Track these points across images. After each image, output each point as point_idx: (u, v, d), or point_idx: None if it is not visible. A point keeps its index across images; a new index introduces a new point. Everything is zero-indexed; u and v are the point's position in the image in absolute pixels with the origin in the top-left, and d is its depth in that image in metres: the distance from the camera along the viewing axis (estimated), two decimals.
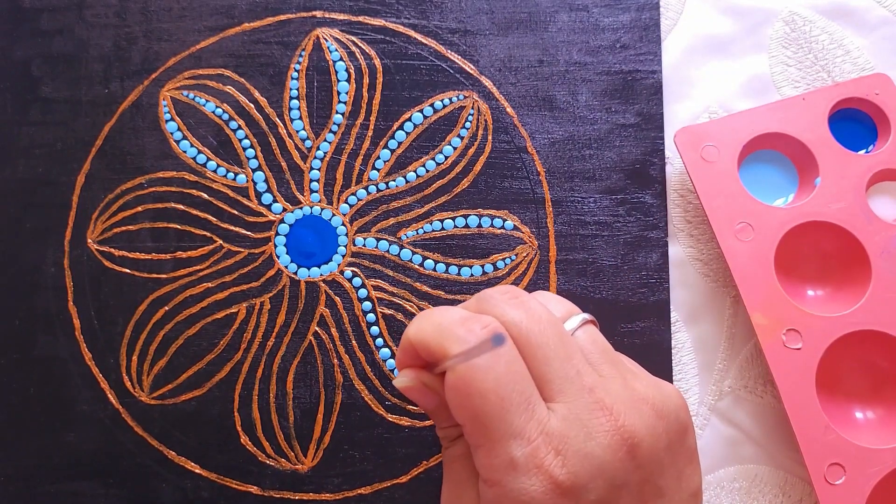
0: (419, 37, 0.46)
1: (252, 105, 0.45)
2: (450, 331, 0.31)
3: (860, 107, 0.46)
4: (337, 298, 0.43)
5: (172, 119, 0.45)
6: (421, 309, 0.43)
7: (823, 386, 0.41)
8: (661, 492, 0.32)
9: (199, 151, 0.45)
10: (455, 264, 0.44)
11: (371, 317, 0.43)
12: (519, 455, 0.30)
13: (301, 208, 0.44)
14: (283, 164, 0.45)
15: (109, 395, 0.43)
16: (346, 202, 0.44)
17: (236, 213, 0.44)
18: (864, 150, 0.46)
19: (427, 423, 0.42)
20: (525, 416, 0.30)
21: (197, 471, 0.42)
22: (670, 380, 0.44)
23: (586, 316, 0.35)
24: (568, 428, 0.30)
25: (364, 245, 0.44)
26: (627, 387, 0.32)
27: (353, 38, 0.46)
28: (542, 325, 0.32)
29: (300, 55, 0.46)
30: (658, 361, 0.44)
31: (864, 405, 0.43)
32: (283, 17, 0.46)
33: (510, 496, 0.30)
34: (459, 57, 0.46)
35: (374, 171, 0.45)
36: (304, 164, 0.45)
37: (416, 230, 0.44)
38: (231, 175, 0.44)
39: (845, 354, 0.42)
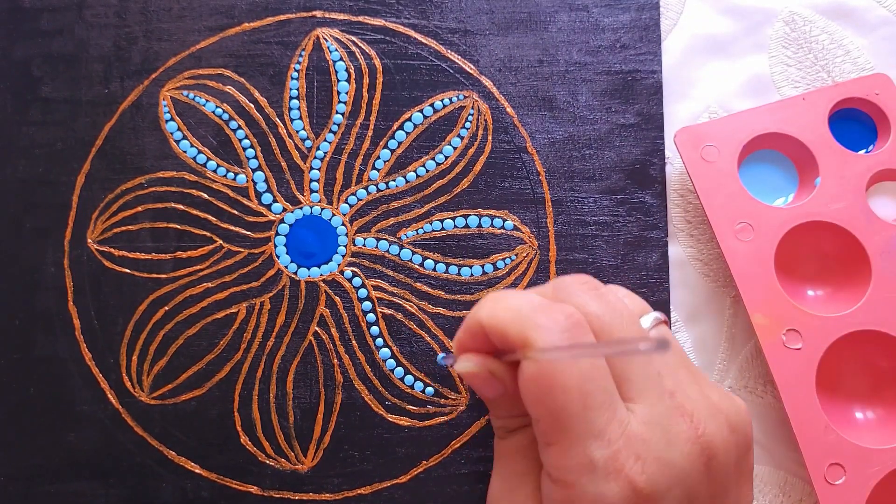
0: (419, 37, 0.46)
1: (252, 105, 0.45)
2: (531, 319, 0.29)
3: (860, 107, 0.46)
4: (337, 298, 0.43)
5: (172, 119, 0.45)
6: (421, 309, 0.43)
7: (823, 386, 0.41)
8: None
9: (199, 151, 0.45)
10: (455, 264, 0.44)
11: (371, 317, 0.43)
12: (598, 457, 0.28)
13: (301, 208, 0.44)
14: (283, 164, 0.45)
15: (109, 395, 0.43)
16: (346, 202, 0.44)
17: (236, 213, 0.44)
18: (863, 150, 0.46)
19: (427, 423, 0.42)
20: (607, 416, 0.29)
21: (197, 471, 0.42)
22: None
23: (659, 315, 0.34)
24: (649, 432, 0.29)
25: (364, 245, 0.44)
26: (703, 394, 0.31)
27: (353, 38, 0.46)
28: (622, 320, 0.31)
29: (300, 55, 0.46)
30: None
31: (864, 405, 0.43)
32: (283, 17, 0.46)
33: (584, 499, 0.28)
34: (459, 57, 0.46)
35: (374, 171, 0.45)
36: (304, 163, 0.45)
37: (416, 230, 0.44)
38: (231, 175, 0.44)
39: (845, 354, 0.42)
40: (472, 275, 0.44)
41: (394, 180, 0.45)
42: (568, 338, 0.29)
